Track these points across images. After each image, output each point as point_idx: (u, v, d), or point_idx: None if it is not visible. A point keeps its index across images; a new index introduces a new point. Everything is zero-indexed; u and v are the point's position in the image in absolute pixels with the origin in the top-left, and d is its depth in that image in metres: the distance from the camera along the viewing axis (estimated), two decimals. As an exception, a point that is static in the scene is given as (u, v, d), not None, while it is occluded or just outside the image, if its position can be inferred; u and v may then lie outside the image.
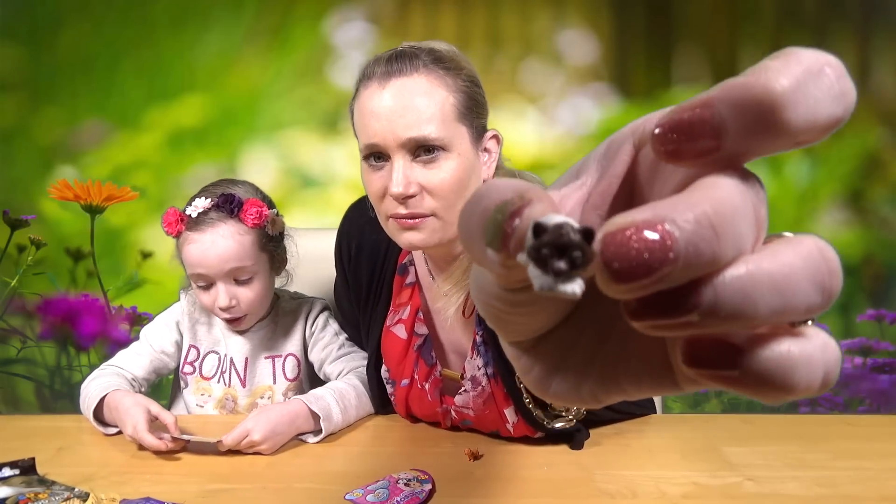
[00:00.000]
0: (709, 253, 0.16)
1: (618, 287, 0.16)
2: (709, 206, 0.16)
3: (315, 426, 0.95)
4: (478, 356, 0.92)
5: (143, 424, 0.89)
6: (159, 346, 1.09)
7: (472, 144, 0.84)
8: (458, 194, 0.82)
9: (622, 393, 0.21)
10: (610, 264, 0.16)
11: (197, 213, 1.00)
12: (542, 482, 0.83)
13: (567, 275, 0.16)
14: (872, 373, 1.77)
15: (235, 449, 0.90)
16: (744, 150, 0.17)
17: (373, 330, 1.02)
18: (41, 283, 1.78)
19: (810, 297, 0.17)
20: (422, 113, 0.80)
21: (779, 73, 0.17)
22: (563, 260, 0.16)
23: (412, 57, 0.81)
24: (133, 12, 1.74)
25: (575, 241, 0.16)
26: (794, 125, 0.17)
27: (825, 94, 0.17)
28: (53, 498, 0.76)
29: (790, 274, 0.17)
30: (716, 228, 0.16)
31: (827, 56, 0.17)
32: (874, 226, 1.74)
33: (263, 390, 1.09)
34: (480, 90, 0.85)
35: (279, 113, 1.75)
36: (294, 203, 1.74)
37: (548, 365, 0.22)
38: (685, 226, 0.15)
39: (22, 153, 1.79)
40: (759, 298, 0.16)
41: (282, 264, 1.09)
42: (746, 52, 1.71)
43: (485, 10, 1.73)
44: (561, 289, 0.16)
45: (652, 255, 0.15)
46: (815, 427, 1.01)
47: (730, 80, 0.17)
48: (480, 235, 0.18)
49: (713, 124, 0.17)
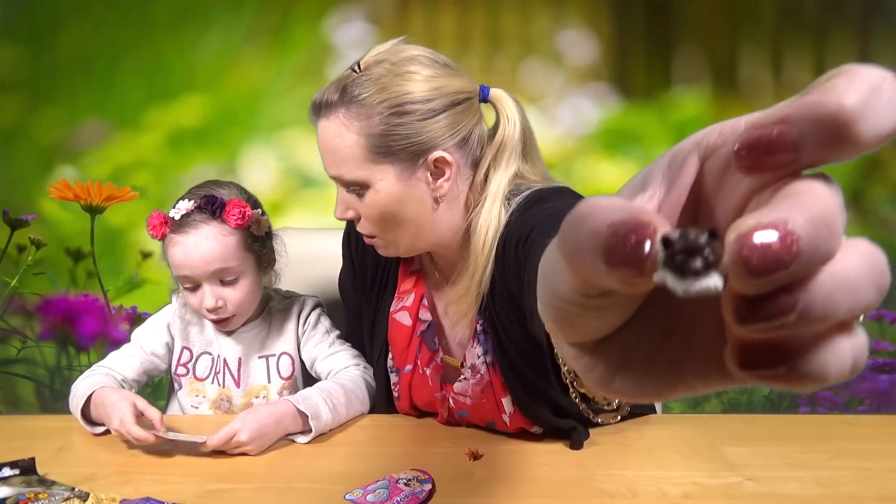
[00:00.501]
0: (825, 249, 0.18)
1: (753, 282, 0.17)
2: (821, 208, 0.18)
3: (304, 426, 0.95)
4: (478, 345, 0.93)
5: (129, 417, 0.90)
6: (149, 348, 1.10)
7: (398, 177, 0.85)
8: (389, 223, 0.88)
9: (688, 388, 0.22)
10: (747, 263, 0.17)
11: (180, 216, 1.00)
12: (542, 482, 0.83)
13: (704, 273, 0.18)
14: (872, 373, 1.77)
15: (221, 450, 0.89)
16: (816, 161, 0.19)
17: (380, 320, 1.02)
18: (41, 283, 1.78)
19: (871, 297, 0.19)
20: (335, 156, 0.86)
21: (847, 90, 0.18)
22: (697, 260, 0.18)
23: (328, 104, 0.86)
24: (133, 12, 1.74)
25: (703, 242, 0.18)
26: (864, 137, 0.18)
27: (886, 106, 0.19)
28: (53, 498, 0.76)
29: (859, 276, 0.19)
30: (829, 227, 0.18)
31: (879, 70, 0.19)
32: (874, 226, 1.74)
33: (258, 390, 1.09)
34: (407, 118, 0.83)
35: (279, 113, 1.75)
36: (294, 203, 1.74)
37: (611, 364, 0.23)
38: (805, 227, 0.17)
39: (22, 153, 1.79)
40: (839, 300, 0.18)
41: (269, 264, 1.09)
42: (746, 52, 1.71)
43: (485, 10, 1.73)
44: (702, 286, 0.18)
45: (780, 252, 0.17)
46: (815, 427, 1.01)
47: (800, 97, 0.19)
48: (594, 254, 0.19)
49: (792, 139, 0.19)
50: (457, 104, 0.85)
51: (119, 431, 0.90)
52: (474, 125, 0.88)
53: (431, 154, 0.85)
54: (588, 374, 0.23)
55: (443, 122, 0.85)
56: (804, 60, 1.71)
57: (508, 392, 0.92)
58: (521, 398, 0.91)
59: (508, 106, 0.88)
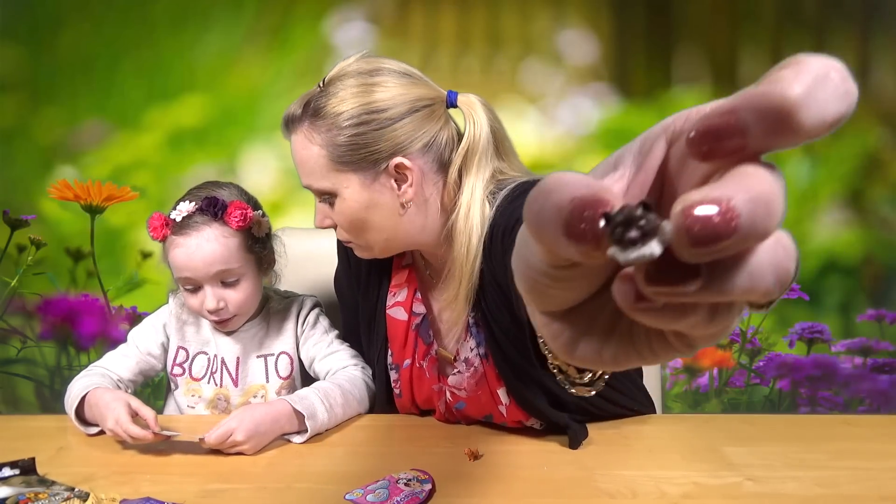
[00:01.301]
0: (762, 228, 0.19)
1: (693, 251, 0.19)
2: (762, 190, 0.19)
3: (300, 426, 0.95)
4: (471, 338, 0.94)
5: (125, 416, 0.90)
6: (145, 348, 1.10)
7: (361, 185, 0.89)
8: (360, 229, 0.92)
9: (639, 357, 0.24)
10: (688, 232, 0.19)
11: (181, 217, 1.01)
12: (542, 482, 0.83)
13: (641, 242, 0.19)
14: (872, 373, 1.77)
15: (218, 449, 0.89)
16: (764, 148, 0.20)
17: (377, 317, 1.03)
18: (41, 283, 1.78)
19: (769, 286, 0.21)
20: (304, 168, 0.91)
21: (792, 81, 0.20)
22: (633, 230, 0.19)
23: (294, 119, 0.91)
24: (133, 12, 1.74)
25: (640, 214, 0.20)
26: (807, 125, 0.20)
27: (831, 95, 0.20)
28: (53, 498, 0.76)
29: (762, 265, 0.20)
30: (768, 207, 0.19)
31: (832, 61, 0.20)
32: (874, 226, 1.74)
33: (256, 389, 1.09)
34: (367, 127, 0.87)
35: (279, 113, 1.73)
36: (294, 203, 1.74)
37: (576, 330, 0.25)
38: (745, 205, 0.19)
39: (22, 153, 1.79)
40: (738, 282, 0.20)
41: (269, 265, 1.10)
42: (746, 52, 1.71)
43: (485, 10, 1.73)
44: (639, 254, 0.20)
45: (720, 225, 0.19)
46: (815, 427, 1.01)
47: (749, 89, 0.20)
48: (556, 230, 0.20)
49: (740, 128, 0.20)
50: (416, 111, 0.88)
51: (115, 431, 0.90)
52: (438, 130, 0.90)
53: (391, 161, 0.88)
54: (555, 340, 0.25)
55: (402, 130, 0.88)
56: (804, 60, 1.71)
57: (503, 383, 0.93)
58: (515, 388, 0.92)
59: (476, 110, 0.90)
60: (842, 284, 1.76)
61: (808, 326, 1.76)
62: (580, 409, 0.94)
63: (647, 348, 0.24)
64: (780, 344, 1.77)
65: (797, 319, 1.76)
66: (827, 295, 1.76)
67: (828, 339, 1.76)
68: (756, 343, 1.77)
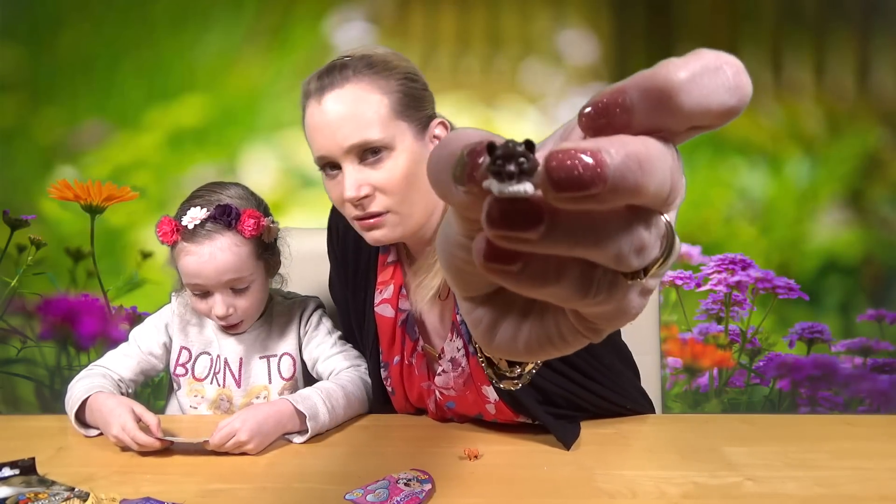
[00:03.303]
0: (632, 182, 0.19)
1: (556, 195, 0.19)
2: (639, 149, 0.20)
3: (301, 426, 0.95)
4: (457, 337, 0.94)
5: (132, 424, 0.89)
6: (147, 348, 1.10)
7: (415, 138, 0.89)
8: (410, 187, 0.88)
9: (549, 342, 0.25)
10: (552, 175, 0.19)
11: (193, 225, 1.00)
12: (542, 482, 0.83)
13: (518, 177, 0.20)
14: (872, 373, 1.77)
15: (222, 449, 0.89)
16: (651, 126, 0.21)
17: (366, 316, 1.03)
18: (41, 283, 1.79)
19: (621, 247, 0.21)
20: (359, 119, 0.85)
21: (678, 67, 0.21)
22: (512, 164, 0.20)
23: (342, 68, 0.87)
24: (133, 12, 1.74)
25: (520, 150, 0.20)
26: (686, 108, 0.21)
27: (719, 86, 0.21)
28: (53, 498, 0.76)
29: (609, 225, 0.21)
30: (641, 165, 0.20)
31: (727, 56, 0.21)
32: (874, 226, 1.74)
33: (259, 390, 1.09)
34: (418, 84, 0.90)
35: (279, 113, 1.75)
36: (294, 203, 1.74)
37: (493, 316, 0.26)
38: (616, 157, 0.19)
39: (22, 153, 1.79)
40: (579, 234, 0.20)
41: (276, 268, 1.10)
42: (746, 52, 1.71)
43: (485, 10, 1.73)
44: (514, 189, 0.20)
45: (586, 173, 0.19)
46: (815, 427, 1.01)
47: (641, 71, 0.21)
48: (448, 174, 0.21)
49: (625, 106, 0.21)
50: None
51: (120, 438, 0.90)
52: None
53: (435, 119, 0.91)
54: (477, 327, 0.26)
55: (431, 99, 0.92)
56: (804, 60, 1.71)
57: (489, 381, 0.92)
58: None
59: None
60: (842, 284, 1.76)
61: (808, 326, 1.76)
62: (571, 405, 0.93)
63: (556, 332, 0.25)
64: (780, 344, 1.77)
65: (797, 319, 1.76)
66: (827, 295, 1.76)
67: (828, 339, 1.76)
68: (756, 343, 1.77)
